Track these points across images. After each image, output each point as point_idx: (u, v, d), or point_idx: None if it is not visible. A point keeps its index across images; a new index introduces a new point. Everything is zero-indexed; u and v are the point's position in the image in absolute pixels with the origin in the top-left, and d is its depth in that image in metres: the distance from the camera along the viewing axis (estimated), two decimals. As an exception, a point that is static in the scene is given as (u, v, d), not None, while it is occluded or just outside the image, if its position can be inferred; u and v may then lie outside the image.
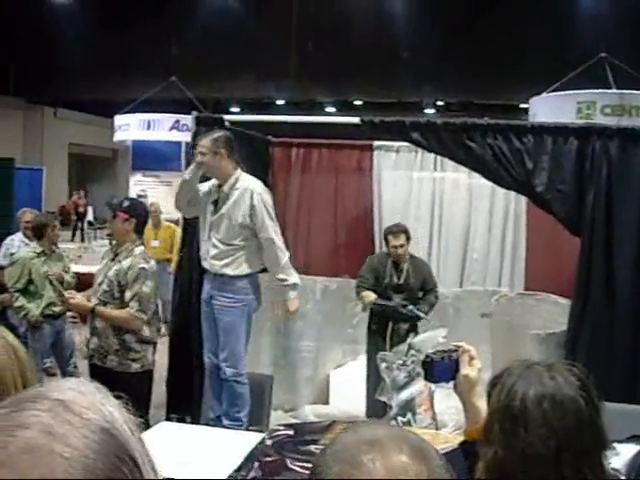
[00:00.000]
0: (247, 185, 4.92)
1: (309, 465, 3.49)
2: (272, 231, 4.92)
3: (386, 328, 5.93)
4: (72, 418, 0.72)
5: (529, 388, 1.61)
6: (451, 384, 2.22)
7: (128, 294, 4.60)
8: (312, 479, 1.05)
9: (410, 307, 5.81)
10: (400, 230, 5.92)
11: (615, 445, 3.47)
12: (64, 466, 0.68)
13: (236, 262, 4.91)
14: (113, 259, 4.76)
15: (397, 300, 5.89)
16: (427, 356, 2.20)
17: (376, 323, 6.03)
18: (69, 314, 6.51)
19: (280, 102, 17.24)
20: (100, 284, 4.74)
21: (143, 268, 4.65)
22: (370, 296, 5.95)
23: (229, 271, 4.89)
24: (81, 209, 16.49)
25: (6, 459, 0.67)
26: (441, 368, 2.18)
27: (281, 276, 4.96)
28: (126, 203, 4.87)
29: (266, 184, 6.02)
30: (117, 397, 0.81)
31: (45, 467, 0.68)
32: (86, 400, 0.75)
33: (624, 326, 4.81)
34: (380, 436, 1.04)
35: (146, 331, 4.74)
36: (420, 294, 6.06)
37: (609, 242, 4.82)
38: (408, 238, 5.95)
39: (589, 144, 4.85)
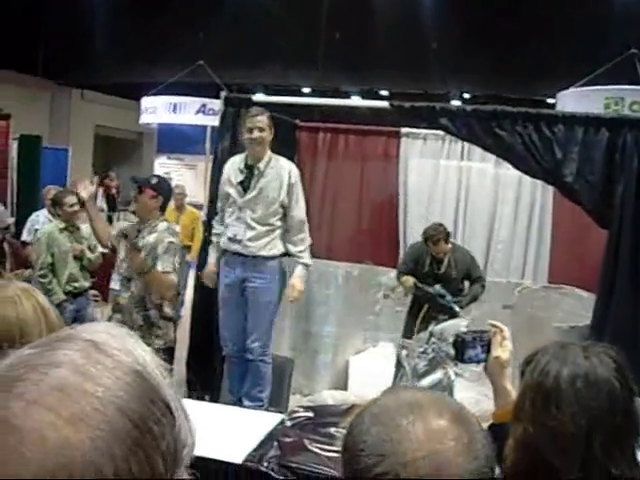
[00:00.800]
0: (282, 164, 4.96)
1: (328, 447, 3.50)
2: (304, 212, 5.01)
3: (418, 315, 5.94)
4: (104, 359, 0.71)
5: (563, 367, 1.59)
6: (481, 366, 2.19)
7: (160, 266, 4.58)
8: (349, 441, 1.03)
9: (448, 298, 5.78)
10: (439, 238, 5.86)
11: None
12: (95, 405, 0.67)
13: (272, 242, 4.93)
14: (137, 236, 4.73)
15: (437, 288, 5.85)
16: (458, 335, 2.18)
17: (414, 308, 6.04)
18: (92, 292, 6.50)
19: (306, 90, 17.19)
20: (123, 260, 4.74)
21: (172, 242, 4.66)
22: (409, 280, 5.96)
23: (265, 252, 4.90)
24: (113, 191, 16.45)
25: (37, 396, 0.67)
26: (472, 348, 2.15)
27: (301, 253, 5.00)
28: (154, 180, 4.85)
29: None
30: None
31: (76, 405, 0.67)
32: (118, 342, 0.74)
33: (649, 322, 4.77)
34: (420, 399, 1.03)
35: (168, 308, 4.75)
36: (464, 285, 6.04)
37: (637, 236, 4.77)
38: (447, 240, 5.93)
39: (620, 136, 4.79)
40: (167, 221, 4.94)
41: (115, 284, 4.84)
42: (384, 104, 5.21)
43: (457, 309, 5.72)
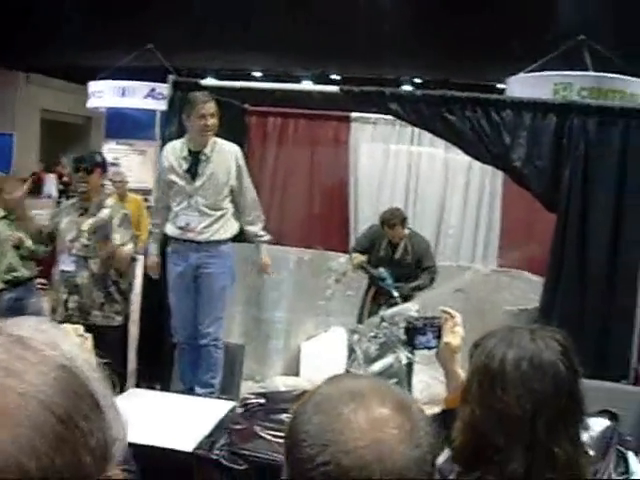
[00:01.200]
0: (228, 147, 4.95)
1: (280, 433, 3.49)
2: (254, 191, 5.10)
3: (371, 299, 5.99)
4: (28, 354, 0.70)
5: (509, 350, 1.60)
6: (433, 351, 2.22)
7: (116, 236, 4.67)
8: (291, 430, 1.02)
9: (388, 282, 5.81)
10: (395, 223, 5.91)
11: (585, 419, 3.52)
12: (17, 400, 0.66)
13: (224, 226, 4.94)
14: (82, 214, 4.76)
15: (380, 271, 5.88)
16: (409, 322, 2.21)
17: (367, 293, 6.09)
18: (38, 280, 6.31)
19: (257, 74, 17.08)
20: (73, 240, 4.71)
21: (126, 214, 4.82)
22: (359, 258, 5.99)
23: (218, 236, 4.91)
24: (66, 178, 16.08)
25: None
26: (422, 335, 2.18)
27: (261, 231, 5.13)
28: (99, 157, 4.91)
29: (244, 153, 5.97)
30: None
31: None
32: (44, 337, 0.73)
33: (595, 304, 4.84)
34: (362, 388, 1.02)
35: (124, 284, 4.87)
36: (417, 272, 6.08)
37: (584, 219, 4.84)
38: (403, 225, 5.97)
39: (567, 121, 4.84)
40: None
41: (67, 265, 4.73)
42: (334, 89, 5.19)
43: (395, 294, 5.75)
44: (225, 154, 4.90)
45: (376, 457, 0.94)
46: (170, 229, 4.95)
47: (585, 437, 3.43)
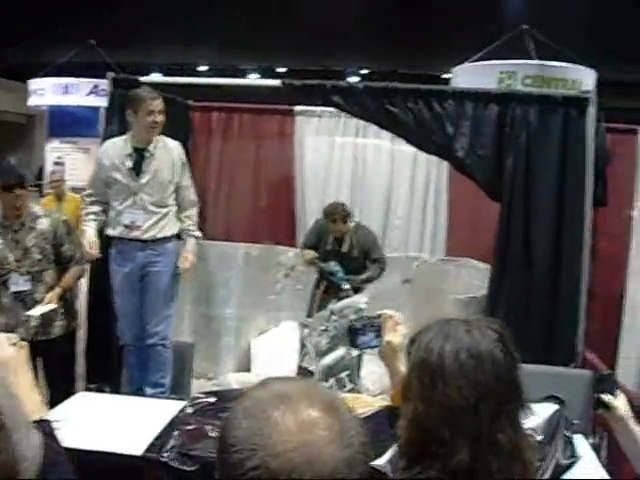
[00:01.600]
0: (171, 144, 4.91)
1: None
2: (193, 190, 5.08)
3: (320, 293, 6.00)
4: None
5: (446, 342, 1.60)
6: (376, 350, 2.25)
7: (68, 247, 4.71)
8: (221, 435, 1.02)
9: (339, 275, 5.84)
10: (336, 218, 5.94)
11: (531, 405, 3.56)
12: None
13: (169, 224, 4.90)
14: (15, 231, 4.60)
15: (331, 265, 5.90)
16: (351, 323, 2.25)
17: (317, 287, 6.09)
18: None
19: (203, 68, 16.93)
20: (20, 260, 4.59)
21: (65, 221, 4.81)
22: (310, 254, 6.00)
23: (164, 234, 4.86)
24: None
25: None
26: (364, 335, 2.22)
27: (192, 227, 5.02)
28: (24, 171, 4.82)
29: (186, 149, 5.91)
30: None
31: None
32: None
33: (541, 289, 4.92)
34: (291, 391, 1.02)
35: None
36: (366, 264, 6.09)
37: (527, 207, 4.90)
38: (345, 220, 5.99)
39: (509, 110, 4.89)
40: None
41: (21, 286, 4.57)
42: (276, 82, 5.15)
43: (346, 287, 5.77)
44: (169, 151, 4.86)
45: (305, 459, 0.94)
46: (113, 229, 4.87)
47: (533, 422, 3.48)
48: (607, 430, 3.57)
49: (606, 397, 2.18)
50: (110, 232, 4.88)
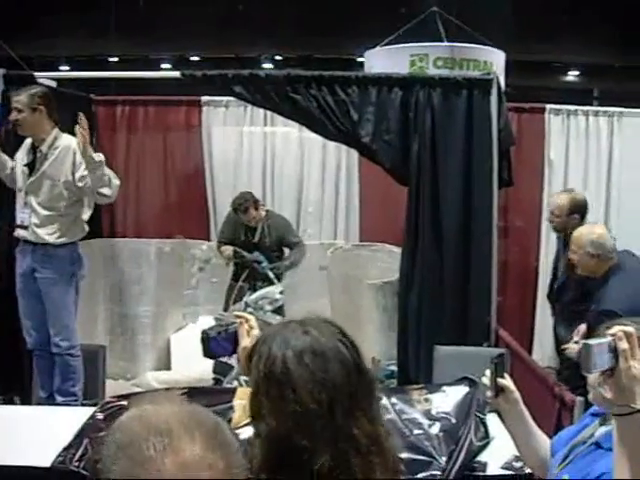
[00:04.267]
0: (68, 143, 4.63)
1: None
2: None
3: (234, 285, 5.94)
4: None
5: (287, 349, 1.55)
6: (234, 358, 2.22)
7: None
8: (97, 472, 0.94)
9: (264, 264, 5.78)
10: (247, 207, 5.89)
11: (444, 388, 3.58)
12: None
13: (61, 230, 4.65)
14: None
15: (256, 254, 5.84)
16: (203, 332, 2.20)
17: (233, 280, 6.02)
18: None
19: (114, 59, 16.53)
20: None
21: None
22: (228, 249, 5.93)
23: (52, 239, 4.62)
24: None
25: None
26: (218, 343, 2.16)
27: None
28: None
29: (90, 144, 5.74)
30: None
31: None
32: None
33: (452, 270, 4.98)
34: (171, 423, 0.94)
35: None
36: (284, 252, 6.08)
37: (435, 190, 4.94)
38: (257, 207, 5.94)
39: (412, 94, 4.91)
40: None
41: None
42: (175, 74, 5.05)
43: (272, 276, 5.72)
44: (63, 150, 4.63)
45: None
46: (16, 229, 4.74)
47: (446, 406, 3.50)
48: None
49: (502, 381, 2.18)
50: (15, 232, 4.76)
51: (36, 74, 5.17)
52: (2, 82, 5.09)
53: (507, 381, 2.20)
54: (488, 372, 2.18)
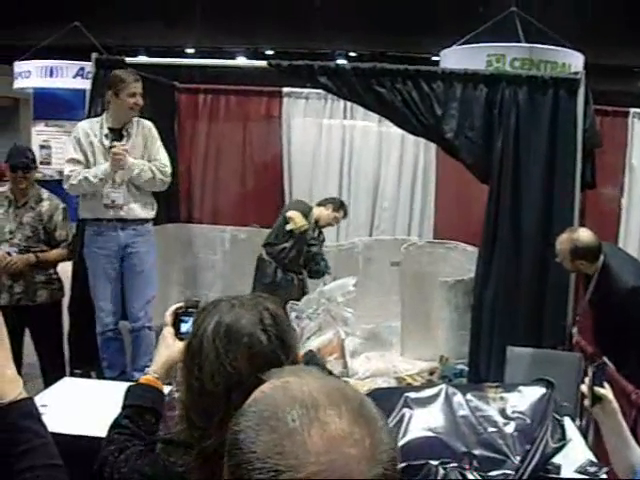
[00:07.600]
0: (145, 124, 4.94)
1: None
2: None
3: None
4: None
5: (209, 323, 1.53)
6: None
7: (61, 233, 4.88)
8: (234, 447, 0.90)
9: (326, 259, 5.83)
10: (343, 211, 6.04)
11: (520, 388, 3.54)
12: None
13: (152, 204, 4.98)
14: (19, 207, 4.81)
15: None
16: (174, 312, 2.12)
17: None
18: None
19: (189, 50, 16.80)
20: (14, 232, 4.76)
21: (64, 208, 4.92)
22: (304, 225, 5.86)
23: (145, 214, 4.92)
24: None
25: None
26: (186, 323, 2.09)
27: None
28: (31, 154, 4.97)
29: (172, 131, 5.86)
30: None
31: None
32: None
33: (530, 272, 4.89)
34: (316, 396, 0.89)
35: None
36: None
37: (516, 189, 4.86)
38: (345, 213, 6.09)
39: (498, 92, 4.84)
40: None
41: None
42: (262, 63, 5.08)
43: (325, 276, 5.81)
44: (144, 131, 4.89)
45: None
46: (90, 211, 4.87)
47: (521, 405, 3.45)
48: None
49: (601, 390, 2.14)
50: (86, 215, 4.92)
51: (127, 59, 5.27)
52: (95, 66, 5.22)
53: (606, 391, 2.16)
54: (587, 380, 2.14)
